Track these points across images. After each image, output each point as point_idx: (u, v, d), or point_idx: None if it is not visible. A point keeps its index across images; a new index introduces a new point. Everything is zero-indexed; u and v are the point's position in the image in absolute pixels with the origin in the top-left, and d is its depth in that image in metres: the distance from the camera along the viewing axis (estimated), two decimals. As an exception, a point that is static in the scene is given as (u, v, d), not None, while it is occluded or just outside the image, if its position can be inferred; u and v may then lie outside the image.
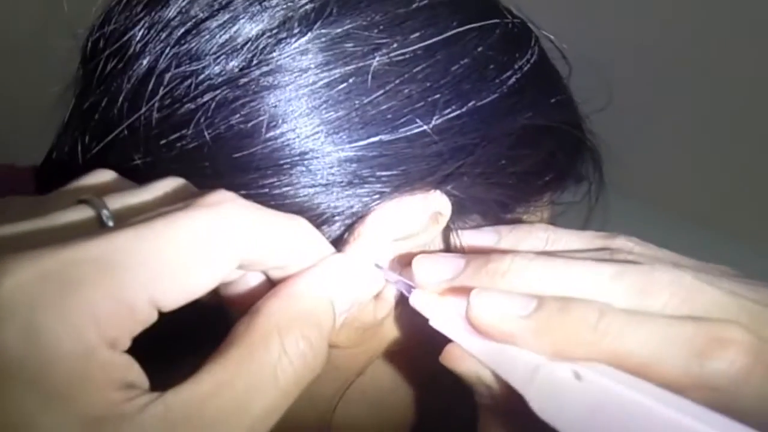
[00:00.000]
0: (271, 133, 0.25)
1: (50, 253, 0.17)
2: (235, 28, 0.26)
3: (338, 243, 0.26)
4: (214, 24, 0.26)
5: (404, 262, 0.27)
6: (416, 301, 0.25)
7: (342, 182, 0.25)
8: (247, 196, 0.24)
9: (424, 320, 0.25)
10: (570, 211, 0.33)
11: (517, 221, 0.30)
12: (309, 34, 0.25)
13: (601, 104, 0.34)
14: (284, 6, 0.26)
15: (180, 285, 0.19)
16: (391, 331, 0.29)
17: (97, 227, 0.20)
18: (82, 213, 0.20)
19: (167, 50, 0.26)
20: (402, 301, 0.27)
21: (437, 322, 0.24)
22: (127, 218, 0.19)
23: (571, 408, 0.21)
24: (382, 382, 0.29)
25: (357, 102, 0.25)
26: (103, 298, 0.17)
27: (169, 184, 0.22)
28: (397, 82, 0.26)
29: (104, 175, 0.24)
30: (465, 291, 0.23)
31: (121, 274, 0.18)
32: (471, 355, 0.24)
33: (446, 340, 0.25)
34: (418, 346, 0.29)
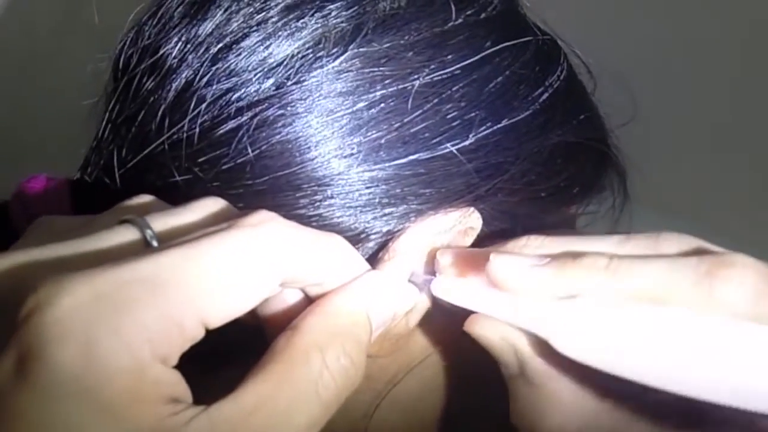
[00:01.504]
0: (311, 153, 0.25)
1: (103, 274, 0.18)
2: (272, 46, 0.26)
3: (374, 260, 0.26)
4: (252, 41, 0.27)
5: (428, 261, 0.27)
6: (438, 288, 0.26)
7: (379, 201, 0.26)
8: (286, 216, 0.25)
9: (453, 327, 0.25)
10: (596, 223, 0.34)
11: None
12: (346, 53, 0.26)
13: (627, 117, 0.34)
14: (321, 24, 0.26)
15: (226, 303, 0.19)
16: (420, 340, 0.29)
17: (142, 247, 0.21)
18: (127, 233, 0.21)
19: (205, 66, 0.27)
20: (432, 312, 0.28)
21: (459, 298, 0.25)
22: (171, 238, 0.20)
23: (594, 338, 0.22)
24: (412, 390, 0.30)
25: (395, 122, 0.26)
26: (155, 317, 0.18)
27: (210, 205, 0.23)
28: (435, 102, 0.26)
29: (144, 198, 0.24)
30: (482, 268, 0.24)
31: (171, 294, 0.18)
32: (491, 318, 0.24)
33: (472, 342, 0.25)
34: (446, 354, 0.30)
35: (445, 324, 0.29)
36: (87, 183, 0.30)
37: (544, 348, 0.23)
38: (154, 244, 0.21)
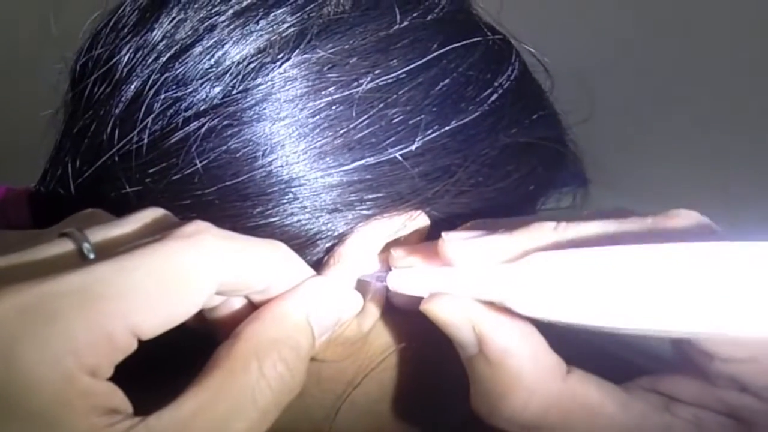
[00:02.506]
0: (259, 162, 0.25)
1: (29, 287, 0.18)
2: (219, 54, 0.26)
3: (321, 265, 0.26)
4: (200, 49, 0.27)
5: (381, 263, 0.27)
6: (393, 280, 0.25)
7: (329, 207, 0.26)
8: (236, 226, 0.25)
9: (409, 327, 0.26)
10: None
11: None
12: (290, 60, 0.26)
13: (592, 110, 0.34)
14: (267, 31, 0.26)
15: (158, 314, 0.19)
16: (377, 343, 0.30)
17: (78, 260, 0.21)
18: (64, 246, 0.21)
19: (154, 75, 0.27)
20: (387, 313, 0.28)
21: (411, 288, 0.25)
22: (108, 250, 0.20)
23: (550, 290, 0.22)
24: (372, 392, 0.30)
25: (341, 129, 0.26)
26: (81, 328, 0.18)
27: (149, 215, 0.23)
28: (380, 106, 0.26)
29: (92, 211, 0.24)
30: (435, 254, 0.24)
31: (99, 305, 0.18)
32: (449, 295, 0.24)
33: (431, 344, 0.25)
34: (403, 355, 0.30)
35: (401, 325, 0.29)
36: (44, 194, 0.30)
37: (502, 317, 0.23)
38: (91, 256, 0.21)
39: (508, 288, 0.22)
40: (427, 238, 0.28)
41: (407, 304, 0.26)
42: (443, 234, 0.24)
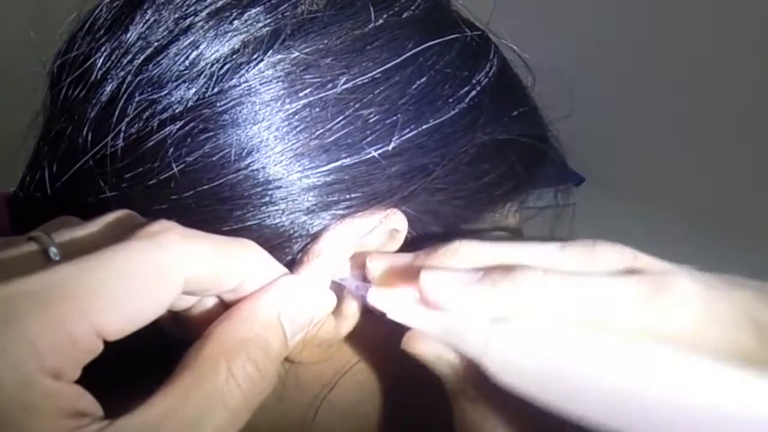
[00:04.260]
0: (236, 166, 0.25)
1: None
2: (193, 54, 0.26)
3: (295, 264, 0.26)
4: (174, 50, 0.26)
5: (360, 268, 0.27)
6: (373, 298, 0.25)
7: (306, 208, 0.26)
8: (216, 229, 0.24)
9: (388, 329, 0.25)
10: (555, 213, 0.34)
11: (479, 231, 0.30)
12: (263, 61, 0.25)
13: (574, 106, 0.34)
14: (241, 31, 0.26)
15: (122, 315, 0.19)
16: (355, 345, 0.29)
17: (43, 262, 0.21)
18: (29, 249, 0.21)
19: (129, 77, 0.27)
20: (365, 316, 0.28)
21: (395, 314, 0.25)
22: (74, 252, 0.20)
23: (523, 366, 0.21)
24: (351, 394, 0.30)
25: (318, 129, 0.26)
26: (42, 330, 0.18)
27: (115, 217, 0.23)
28: (357, 107, 0.26)
29: (65, 218, 0.24)
30: (415, 280, 0.24)
31: (61, 306, 0.18)
32: (429, 335, 0.24)
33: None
34: (382, 358, 0.30)
35: (380, 328, 0.29)
36: (23, 198, 0.30)
37: (478, 369, 0.22)
38: (56, 258, 0.21)
39: (484, 350, 0.22)
40: (409, 237, 0.27)
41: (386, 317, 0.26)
42: (422, 273, 0.23)
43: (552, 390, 0.21)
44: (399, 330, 0.25)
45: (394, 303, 0.25)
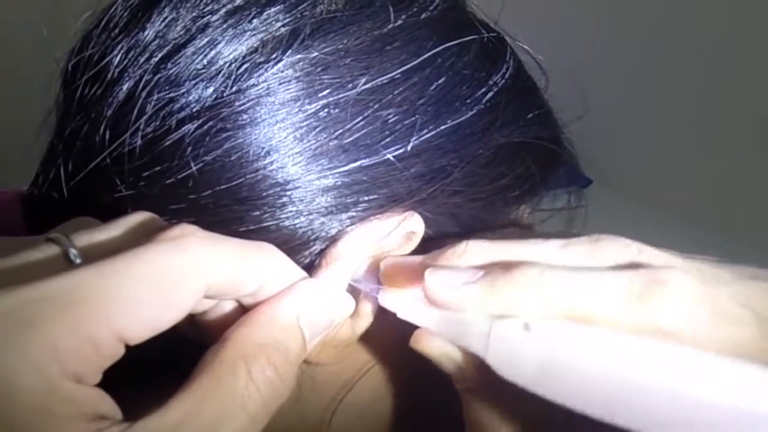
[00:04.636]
0: (254, 165, 0.25)
1: (10, 293, 0.18)
2: (211, 53, 0.26)
3: (314, 267, 0.26)
4: (192, 49, 0.26)
5: (373, 269, 0.27)
6: (385, 299, 0.26)
7: (324, 209, 0.26)
8: (231, 229, 0.24)
9: (402, 329, 0.26)
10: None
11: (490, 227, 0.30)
12: (282, 61, 0.25)
13: (588, 108, 0.34)
14: (260, 30, 0.26)
15: (143, 318, 0.19)
16: (371, 345, 0.29)
17: (64, 265, 0.21)
18: (50, 251, 0.21)
19: (146, 76, 0.26)
20: (380, 315, 0.28)
21: (404, 313, 0.25)
22: (94, 255, 0.20)
23: (525, 360, 0.21)
24: (367, 394, 0.30)
25: (337, 130, 0.26)
26: (64, 334, 0.18)
27: (136, 219, 0.23)
28: (376, 107, 0.26)
29: (82, 218, 0.24)
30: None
31: (82, 311, 0.18)
32: (436, 334, 0.24)
33: None
34: (398, 357, 0.30)
35: (395, 328, 0.29)
36: (37, 197, 0.30)
37: (484, 365, 0.23)
38: (77, 261, 0.21)
39: (487, 345, 0.22)
40: (422, 242, 0.27)
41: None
42: (427, 273, 0.23)
43: (552, 384, 0.21)
44: (412, 330, 0.25)
45: (404, 303, 0.25)
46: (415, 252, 0.28)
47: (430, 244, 0.27)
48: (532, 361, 0.21)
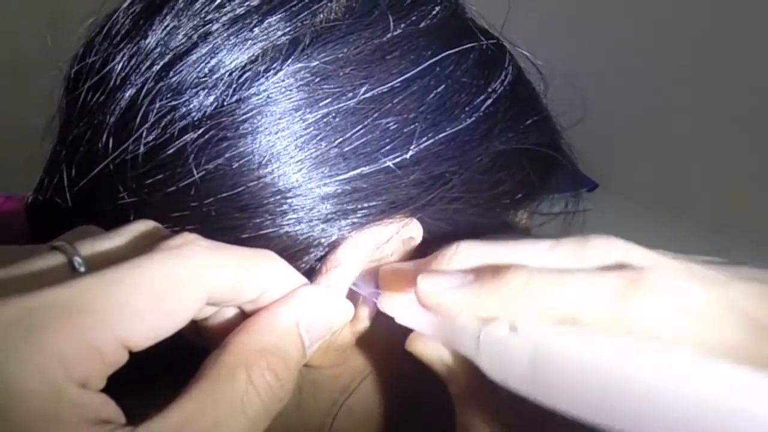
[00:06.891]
0: (255, 174, 0.25)
1: (15, 301, 0.18)
2: (213, 61, 0.26)
3: (314, 273, 0.26)
4: (194, 57, 0.27)
5: (372, 274, 0.27)
6: (383, 304, 0.26)
7: (324, 217, 0.26)
8: (231, 238, 0.24)
9: (401, 333, 0.26)
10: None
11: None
12: (283, 70, 0.26)
13: (586, 112, 0.34)
14: (262, 38, 0.26)
15: (147, 326, 0.20)
16: (370, 349, 0.30)
17: (69, 273, 0.21)
18: (54, 259, 0.21)
19: (148, 84, 0.27)
20: (380, 320, 0.28)
21: (402, 318, 0.26)
22: (98, 263, 0.20)
23: (514, 363, 0.21)
24: (367, 398, 0.30)
25: (337, 138, 0.26)
26: (69, 340, 0.18)
27: (139, 228, 0.23)
28: (375, 116, 0.26)
29: (86, 226, 0.24)
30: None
31: (86, 318, 0.19)
32: (430, 337, 0.25)
33: None
34: (398, 361, 0.30)
35: (395, 333, 0.29)
36: (41, 204, 0.30)
37: (476, 368, 0.23)
38: (82, 269, 0.21)
39: (477, 349, 0.22)
40: (420, 246, 0.28)
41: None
42: (419, 278, 0.23)
43: (542, 386, 0.21)
44: (409, 334, 0.26)
45: (402, 308, 0.25)
46: (415, 257, 0.28)
47: (430, 250, 0.27)
48: (521, 363, 0.21)
